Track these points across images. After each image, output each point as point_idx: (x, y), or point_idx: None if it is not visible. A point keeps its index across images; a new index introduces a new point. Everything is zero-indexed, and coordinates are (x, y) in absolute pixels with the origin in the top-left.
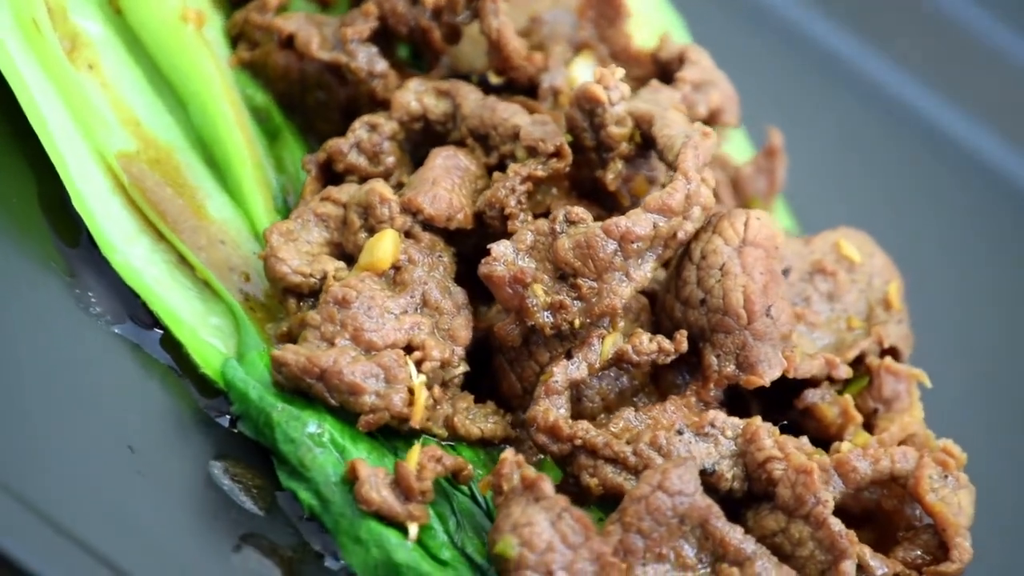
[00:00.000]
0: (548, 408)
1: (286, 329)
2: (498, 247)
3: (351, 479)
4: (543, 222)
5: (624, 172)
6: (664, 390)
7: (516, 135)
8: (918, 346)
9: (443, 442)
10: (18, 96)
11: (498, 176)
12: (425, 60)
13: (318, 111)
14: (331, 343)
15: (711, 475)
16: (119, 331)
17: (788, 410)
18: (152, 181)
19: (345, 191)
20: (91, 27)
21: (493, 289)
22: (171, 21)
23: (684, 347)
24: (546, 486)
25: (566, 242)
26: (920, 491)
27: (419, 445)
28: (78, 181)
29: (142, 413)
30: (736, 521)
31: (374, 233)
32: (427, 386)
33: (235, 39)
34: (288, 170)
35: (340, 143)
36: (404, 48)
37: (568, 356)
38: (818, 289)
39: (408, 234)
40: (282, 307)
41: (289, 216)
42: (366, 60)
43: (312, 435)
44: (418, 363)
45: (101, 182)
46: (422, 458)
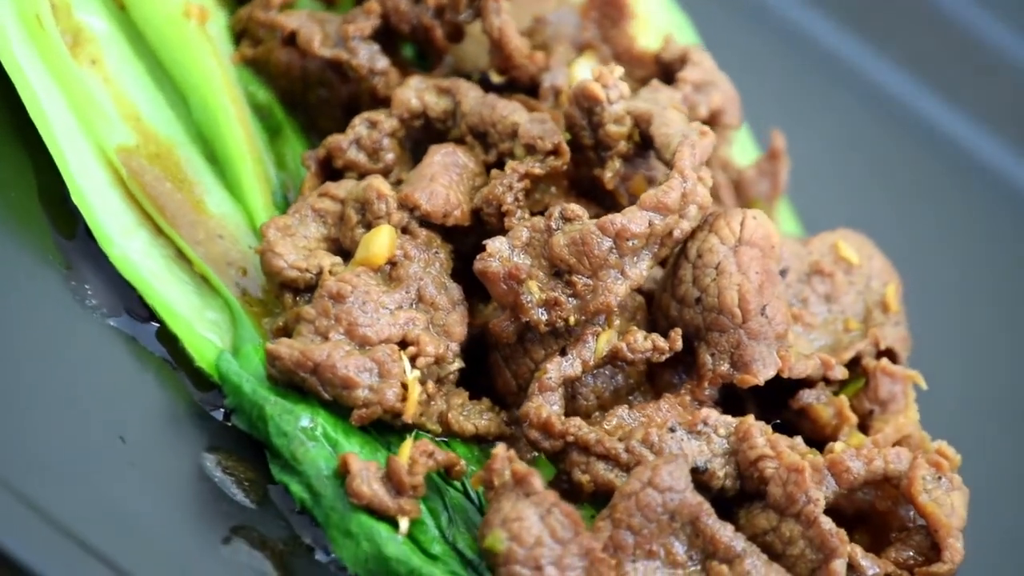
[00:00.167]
0: (541, 404)
1: (282, 324)
2: (493, 243)
3: (343, 473)
4: (539, 219)
5: (622, 171)
6: (660, 389)
7: (515, 133)
8: (917, 348)
9: (437, 438)
10: (19, 89)
11: (496, 173)
12: (429, 59)
13: (320, 108)
14: (325, 337)
15: (703, 473)
16: (114, 324)
17: (783, 410)
18: (151, 175)
19: (343, 187)
20: (94, 23)
21: (488, 285)
22: (174, 17)
23: (679, 345)
24: (536, 481)
25: (561, 239)
26: (913, 492)
27: (411, 440)
28: (77, 174)
29: (136, 405)
30: (728, 520)
31: (371, 229)
32: (421, 381)
33: (238, 36)
34: (289, 167)
35: (340, 139)
36: (409, 48)
37: (562, 353)
38: (815, 290)
39: (405, 230)
40: (278, 302)
41: (287, 211)
42: (367, 57)
43: (305, 429)
44: (412, 358)
45: (100, 175)
46: (414, 453)
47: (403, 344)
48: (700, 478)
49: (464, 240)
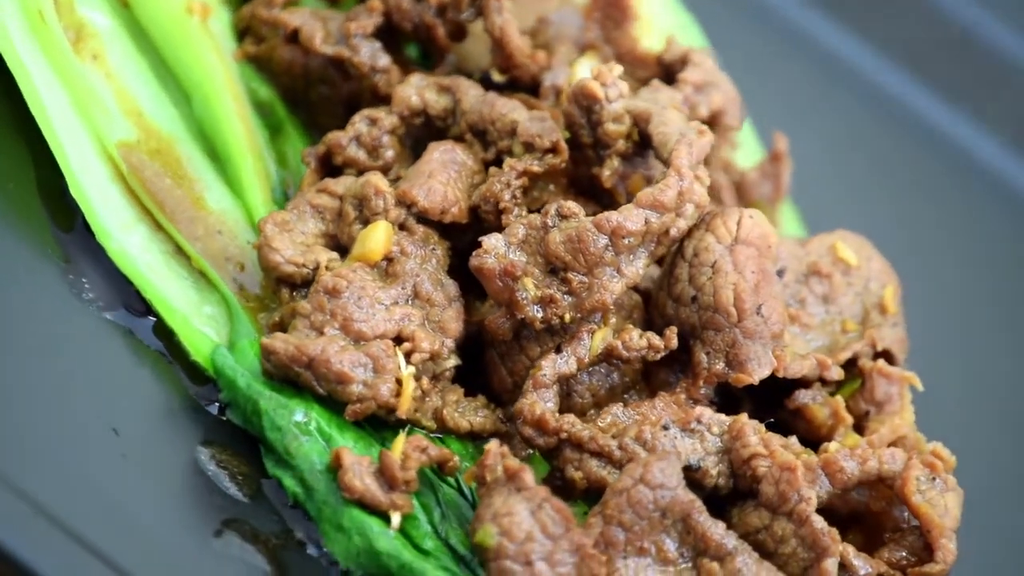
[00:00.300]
0: (535, 401)
1: (278, 319)
2: (489, 240)
3: (335, 467)
4: (535, 216)
5: (621, 170)
6: (656, 388)
7: (514, 130)
8: (916, 350)
9: (432, 435)
10: (19, 83)
11: (494, 171)
12: (432, 59)
13: (321, 106)
14: (320, 332)
15: (696, 471)
16: (111, 317)
17: (779, 411)
18: (151, 171)
19: (342, 183)
20: (97, 18)
21: (483, 281)
22: (177, 13)
23: (674, 344)
24: (527, 477)
25: (557, 236)
26: (906, 492)
27: (404, 434)
28: (76, 169)
29: (131, 398)
30: (722, 518)
31: (368, 225)
32: (416, 377)
33: (242, 33)
34: (290, 164)
35: (339, 136)
36: (413, 48)
37: (558, 350)
38: (813, 291)
39: (402, 226)
40: (275, 297)
41: (286, 207)
42: (369, 55)
43: (299, 423)
44: (407, 354)
45: (100, 170)
46: (407, 448)
47: (398, 340)
48: (693, 476)
49: (462, 237)
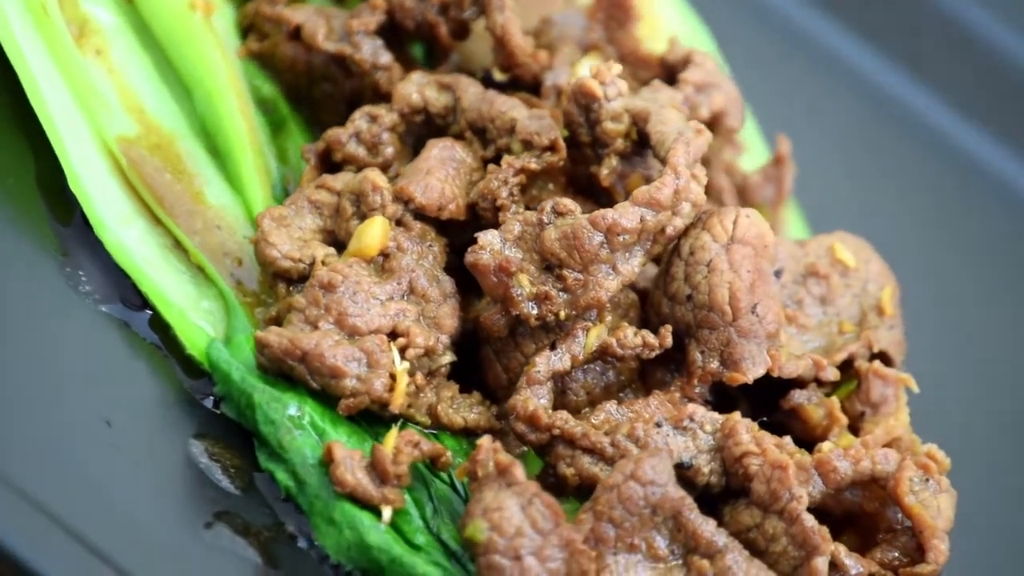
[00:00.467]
0: (528, 397)
1: (274, 314)
2: (485, 236)
3: (327, 461)
4: (531, 213)
5: (620, 169)
6: (651, 387)
7: (513, 128)
8: (915, 351)
9: (426, 430)
10: (20, 77)
11: (492, 168)
12: (436, 58)
13: (324, 103)
14: (315, 326)
15: (688, 469)
16: (107, 311)
17: (775, 411)
18: (151, 166)
19: (340, 179)
20: (101, 14)
21: (478, 277)
22: (180, 9)
23: (668, 342)
24: (518, 472)
25: (552, 232)
26: (899, 492)
27: (396, 429)
28: (76, 162)
29: (125, 390)
30: (714, 517)
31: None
32: (410, 373)
33: (246, 31)
34: (291, 161)
35: (339, 133)
36: (418, 49)
37: (552, 347)
38: (811, 292)
39: (399, 222)
40: (272, 292)
41: (284, 203)
42: (371, 52)
43: (292, 417)
44: (402, 349)
45: (100, 164)
46: (399, 442)
47: (393, 335)
48: (685, 474)
49: (460, 235)
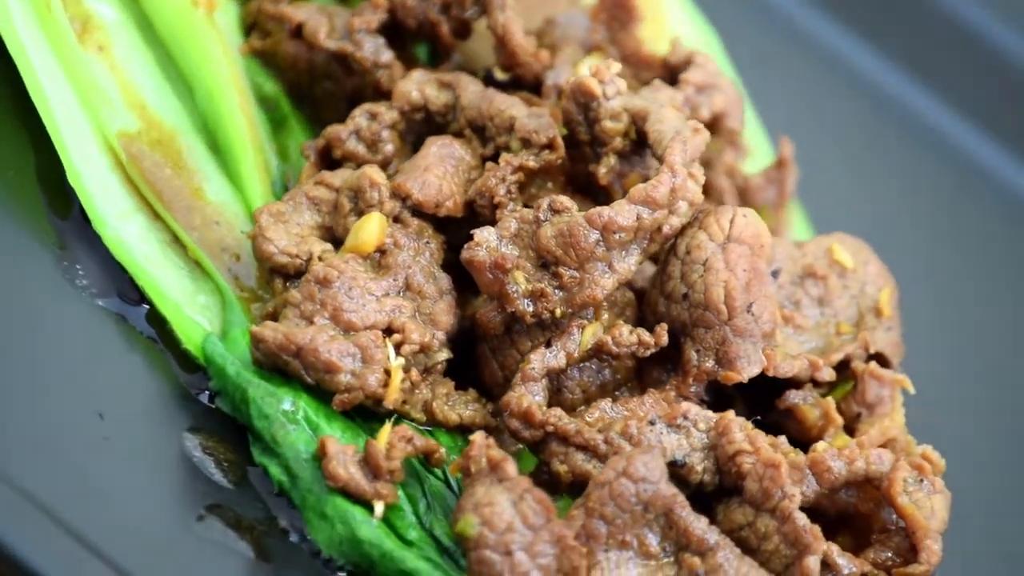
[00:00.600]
0: (523, 394)
1: (271, 309)
2: (481, 233)
3: (320, 455)
4: (528, 211)
5: (618, 168)
6: (648, 386)
7: (511, 126)
8: (917, 352)
9: (422, 427)
10: (21, 71)
11: (490, 166)
12: (438, 58)
13: (325, 101)
14: (310, 321)
15: (681, 467)
16: (104, 304)
17: (770, 411)
18: (151, 161)
19: (339, 176)
20: (104, 10)
21: (474, 274)
22: (182, 6)
23: (664, 340)
24: (509, 467)
25: (548, 230)
26: (892, 493)
27: (390, 424)
28: (75, 156)
29: (120, 383)
30: (706, 514)
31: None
32: (405, 369)
33: (249, 28)
34: (292, 159)
35: (339, 130)
36: (422, 50)
37: (548, 345)
38: (808, 293)
39: (397, 219)
40: (269, 288)
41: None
42: (372, 50)
43: (286, 412)
44: (397, 346)
45: (99, 159)
46: (392, 437)
47: (388, 331)
48: (678, 472)
49: (458, 233)
